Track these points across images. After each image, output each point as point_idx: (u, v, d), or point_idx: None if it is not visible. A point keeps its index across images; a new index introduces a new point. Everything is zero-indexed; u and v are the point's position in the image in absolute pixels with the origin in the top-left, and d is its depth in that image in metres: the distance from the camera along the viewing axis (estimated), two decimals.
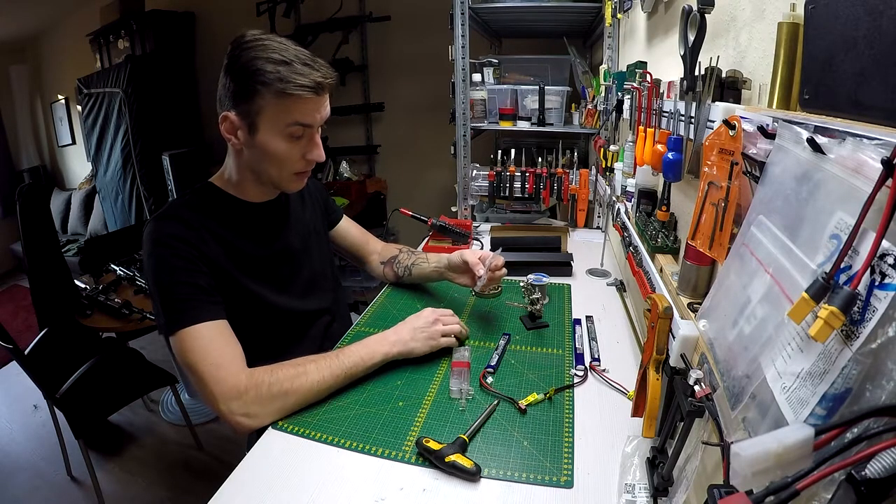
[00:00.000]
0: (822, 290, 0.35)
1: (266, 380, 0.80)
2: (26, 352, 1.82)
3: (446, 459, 0.71)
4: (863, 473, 0.25)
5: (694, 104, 0.73)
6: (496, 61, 2.11)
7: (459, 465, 0.70)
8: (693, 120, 0.74)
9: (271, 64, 0.82)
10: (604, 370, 0.95)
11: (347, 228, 1.30)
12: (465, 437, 0.75)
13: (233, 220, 0.96)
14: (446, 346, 0.99)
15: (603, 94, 1.72)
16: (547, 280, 1.13)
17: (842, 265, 0.34)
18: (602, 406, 0.86)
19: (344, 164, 3.36)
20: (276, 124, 0.86)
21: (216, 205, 0.95)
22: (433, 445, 0.73)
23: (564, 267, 1.40)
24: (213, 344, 0.81)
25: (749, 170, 0.56)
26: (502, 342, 1.04)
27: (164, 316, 0.82)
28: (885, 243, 0.31)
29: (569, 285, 1.33)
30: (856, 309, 0.32)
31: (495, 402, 0.85)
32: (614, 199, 1.37)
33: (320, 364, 0.85)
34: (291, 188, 0.98)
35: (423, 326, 0.98)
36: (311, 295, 1.09)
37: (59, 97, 4.64)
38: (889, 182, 0.31)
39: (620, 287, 1.32)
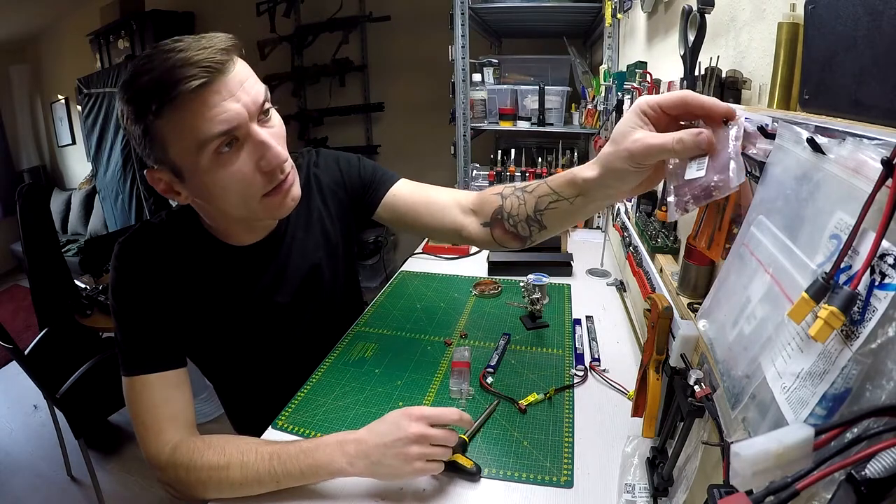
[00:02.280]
0: (822, 290, 0.35)
1: (185, 463, 0.68)
2: (26, 352, 1.82)
3: (446, 459, 0.71)
4: (863, 473, 0.25)
5: None
6: (496, 61, 2.11)
7: (459, 465, 0.70)
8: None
9: (148, 74, 0.59)
10: (604, 370, 0.95)
11: (408, 199, 0.93)
12: (465, 437, 0.75)
13: (206, 266, 0.81)
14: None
15: (603, 94, 1.72)
16: (547, 280, 1.13)
17: (842, 265, 0.34)
18: (602, 406, 0.86)
19: None
20: (194, 152, 0.63)
21: (190, 240, 0.80)
22: None
23: (564, 267, 1.40)
24: (150, 400, 0.72)
25: (749, 170, 0.56)
26: (502, 342, 1.04)
27: (119, 354, 0.75)
28: (885, 243, 0.31)
29: (569, 285, 1.33)
30: (856, 309, 0.32)
31: (495, 402, 0.85)
32: None
33: (247, 461, 0.66)
34: (277, 214, 0.76)
35: (396, 446, 0.64)
36: (310, 336, 0.98)
37: (59, 97, 4.65)
38: (889, 182, 0.31)
39: (620, 287, 1.32)
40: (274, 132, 0.69)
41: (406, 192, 0.94)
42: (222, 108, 0.61)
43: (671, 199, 0.56)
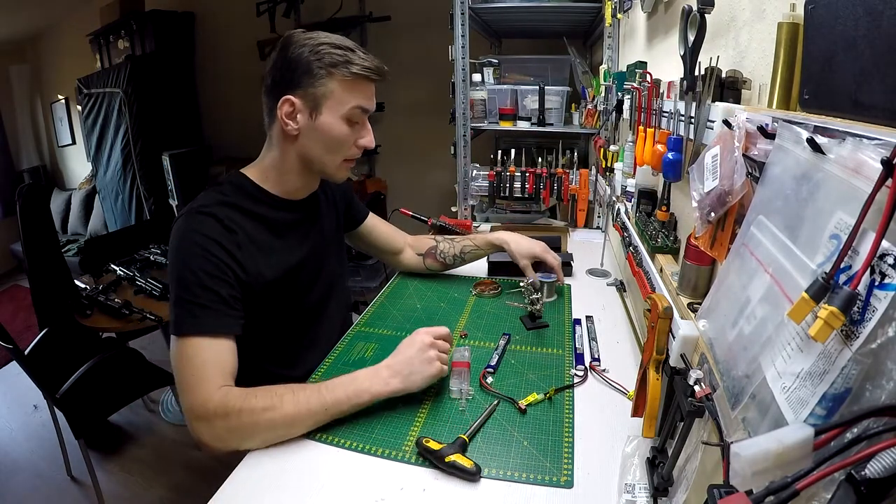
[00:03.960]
0: (821, 290, 0.35)
1: (238, 406, 0.73)
2: (26, 352, 1.82)
3: (446, 459, 0.71)
4: (863, 473, 0.25)
5: (694, 104, 0.73)
6: (496, 61, 2.11)
7: (459, 465, 0.70)
8: (693, 120, 0.74)
9: (337, 49, 0.86)
10: (604, 370, 0.95)
11: (375, 225, 1.29)
12: (465, 437, 0.75)
13: (267, 220, 0.93)
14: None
15: (603, 94, 1.72)
16: (555, 277, 1.13)
17: (842, 265, 0.34)
18: (602, 406, 0.86)
19: None
20: (341, 107, 0.88)
21: (253, 202, 0.93)
22: (433, 445, 0.73)
23: (564, 267, 1.40)
24: (204, 355, 0.77)
25: (749, 170, 0.56)
26: (502, 342, 1.04)
27: (175, 314, 0.79)
28: (884, 243, 0.31)
29: (569, 285, 1.33)
30: (856, 309, 0.32)
31: (495, 402, 0.85)
32: (614, 199, 1.37)
33: (298, 397, 0.76)
34: (339, 176, 0.97)
35: (419, 355, 0.83)
36: (328, 297, 1.08)
37: (59, 97, 4.65)
38: (889, 182, 0.31)
39: (620, 287, 1.32)
40: None
41: (374, 222, 1.28)
42: (369, 97, 0.92)
43: (696, 214, 0.66)
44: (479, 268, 1.45)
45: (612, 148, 1.49)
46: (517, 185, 1.81)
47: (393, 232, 1.33)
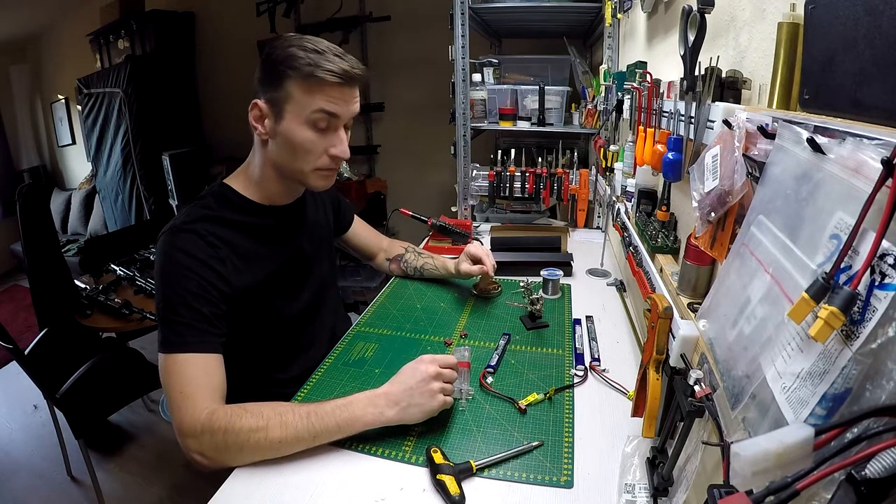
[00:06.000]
0: (822, 290, 0.35)
1: (223, 427, 0.71)
2: (26, 352, 1.82)
3: (437, 476, 0.69)
4: (863, 473, 0.25)
5: (694, 104, 0.73)
6: (496, 61, 2.11)
7: (445, 486, 0.67)
8: (693, 120, 0.74)
9: (303, 51, 0.82)
10: (604, 370, 0.95)
11: (359, 231, 1.32)
12: (473, 463, 0.71)
13: (251, 228, 0.93)
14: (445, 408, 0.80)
15: (603, 94, 1.72)
16: (560, 274, 1.14)
17: (842, 265, 0.34)
18: (602, 406, 0.86)
19: (344, 164, 3.35)
20: (302, 111, 0.84)
21: (235, 212, 0.92)
22: (437, 458, 0.71)
23: (564, 267, 1.40)
24: (191, 373, 0.77)
25: (749, 170, 0.56)
26: (502, 342, 1.04)
27: (161, 333, 0.80)
28: (885, 243, 0.31)
29: (569, 285, 1.33)
30: (856, 309, 0.32)
31: (536, 443, 0.77)
32: (614, 199, 1.37)
33: (286, 420, 0.73)
34: (316, 185, 0.93)
35: (420, 386, 0.77)
36: (320, 300, 1.08)
37: (59, 97, 4.64)
38: (889, 182, 0.31)
39: (620, 287, 1.32)
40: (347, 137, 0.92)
41: (358, 228, 1.32)
42: (334, 101, 0.86)
43: (696, 214, 0.66)
44: None
45: (612, 148, 1.49)
46: (517, 185, 1.80)
47: (372, 236, 1.36)
